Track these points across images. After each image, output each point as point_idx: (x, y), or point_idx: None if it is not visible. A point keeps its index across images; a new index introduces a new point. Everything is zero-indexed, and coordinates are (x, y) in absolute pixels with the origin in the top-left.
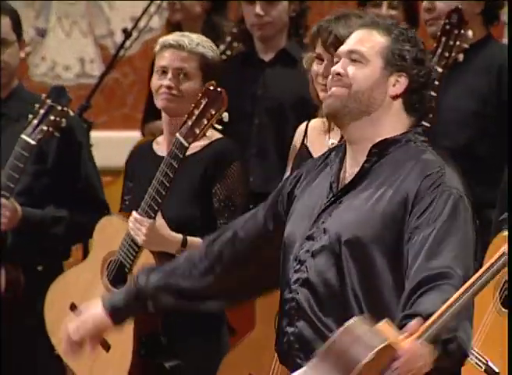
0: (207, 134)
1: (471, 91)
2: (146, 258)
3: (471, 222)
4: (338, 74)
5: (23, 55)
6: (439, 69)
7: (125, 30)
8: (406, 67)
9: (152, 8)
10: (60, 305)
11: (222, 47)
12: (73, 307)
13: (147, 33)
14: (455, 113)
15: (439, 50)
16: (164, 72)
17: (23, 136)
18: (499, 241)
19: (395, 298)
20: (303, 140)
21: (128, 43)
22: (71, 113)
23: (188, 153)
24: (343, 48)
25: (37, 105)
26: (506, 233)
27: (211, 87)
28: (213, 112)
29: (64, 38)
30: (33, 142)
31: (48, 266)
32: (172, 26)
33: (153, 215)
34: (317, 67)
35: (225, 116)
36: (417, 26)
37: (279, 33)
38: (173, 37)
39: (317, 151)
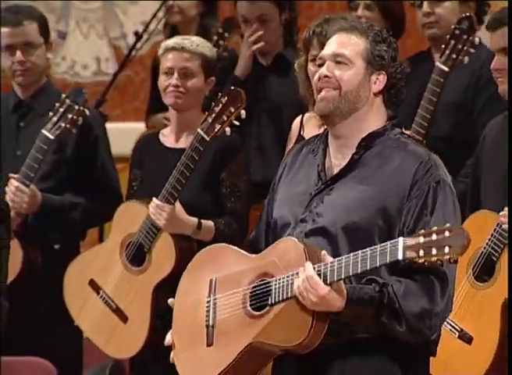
0: (226, 129)
1: (455, 85)
2: (164, 240)
3: (456, 202)
4: (326, 76)
5: (50, 55)
6: (446, 69)
7: (136, 33)
8: (384, 66)
9: (160, 14)
10: (79, 281)
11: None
12: (92, 283)
13: (155, 35)
14: (440, 104)
15: (447, 51)
16: (170, 72)
17: (44, 131)
18: (475, 217)
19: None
20: (299, 131)
21: (139, 44)
22: (87, 112)
23: (183, 146)
24: (326, 52)
25: (57, 104)
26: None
27: (232, 88)
28: (232, 110)
29: (82, 40)
30: (51, 137)
31: (65, 245)
32: (170, 28)
33: (173, 201)
34: (314, 68)
35: (243, 113)
36: (403, 28)
37: (275, 42)
38: (175, 41)
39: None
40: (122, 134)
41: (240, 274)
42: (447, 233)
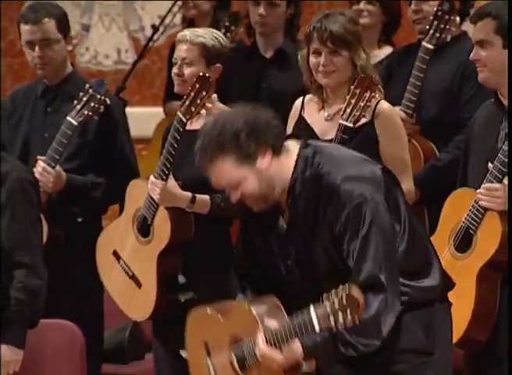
0: (201, 112)
1: (443, 73)
2: (162, 214)
3: (379, 216)
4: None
5: (70, 48)
6: (431, 46)
7: (153, 26)
8: None
9: (175, 8)
10: (106, 252)
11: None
12: (115, 253)
13: (171, 28)
14: (429, 90)
15: (431, 31)
16: (175, 62)
17: (68, 117)
18: (456, 194)
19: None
20: (300, 112)
21: (156, 36)
22: (108, 101)
23: (196, 127)
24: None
25: (81, 93)
26: (465, 189)
27: (201, 74)
28: (204, 94)
29: (104, 32)
30: (75, 123)
31: (87, 218)
32: (188, 22)
33: (165, 178)
34: (315, 59)
35: (214, 97)
36: (399, 22)
37: (276, 32)
38: (181, 33)
39: (314, 121)
40: (141, 118)
41: (220, 337)
42: (344, 298)
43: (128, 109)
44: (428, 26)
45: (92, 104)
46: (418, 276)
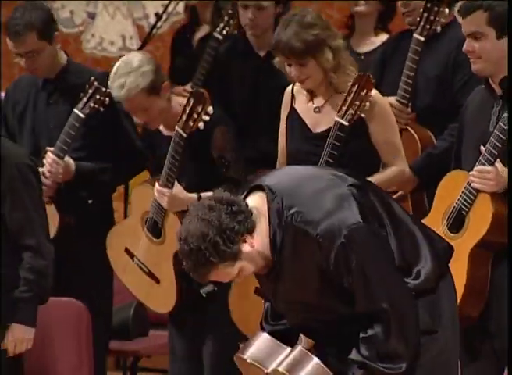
0: (199, 125)
1: (436, 61)
2: (172, 217)
3: (364, 245)
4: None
5: (59, 45)
6: (422, 38)
7: (157, 14)
8: None
9: None
10: (118, 249)
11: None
12: (127, 250)
13: (174, 16)
14: (423, 78)
15: (422, 23)
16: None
17: (75, 110)
18: (450, 175)
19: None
20: (291, 102)
21: (159, 23)
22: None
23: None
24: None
25: (86, 86)
26: (458, 171)
27: (195, 90)
28: (200, 109)
29: (109, 20)
30: (82, 115)
31: (97, 200)
32: (190, 9)
33: (171, 185)
34: (288, 68)
35: (210, 109)
36: (395, 10)
37: (267, 32)
38: (114, 93)
39: (304, 113)
40: None
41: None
42: None
43: None
44: (418, 18)
45: (98, 96)
46: (411, 267)
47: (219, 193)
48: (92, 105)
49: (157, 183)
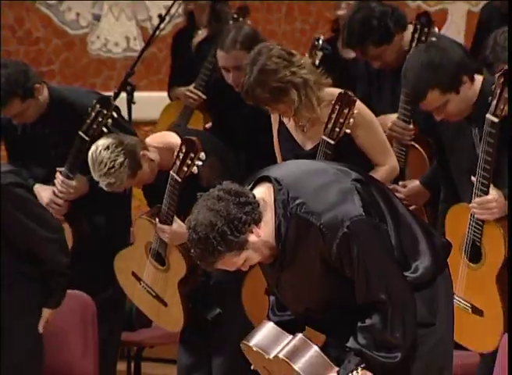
0: (192, 170)
1: None
2: (174, 249)
3: (365, 237)
4: None
5: (40, 96)
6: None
7: (160, 16)
8: None
9: None
10: (126, 272)
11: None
12: (134, 274)
13: (176, 18)
14: None
15: (413, 44)
16: None
17: (80, 132)
18: (453, 210)
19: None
20: (280, 116)
21: (162, 25)
22: (115, 115)
23: None
24: None
25: (89, 109)
26: (460, 205)
27: (187, 138)
28: (193, 156)
29: (114, 22)
30: (87, 138)
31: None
32: (188, 14)
33: (170, 222)
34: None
35: (202, 155)
36: None
37: None
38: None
39: (292, 129)
40: (148, 102)
41: (273, 368)
42: None
43: (136, 93)
44: (409, 40)
45: (100, 119)
46: (409, 261)
47: (228, 184)
48: (95, 126)
49: (157, 220)
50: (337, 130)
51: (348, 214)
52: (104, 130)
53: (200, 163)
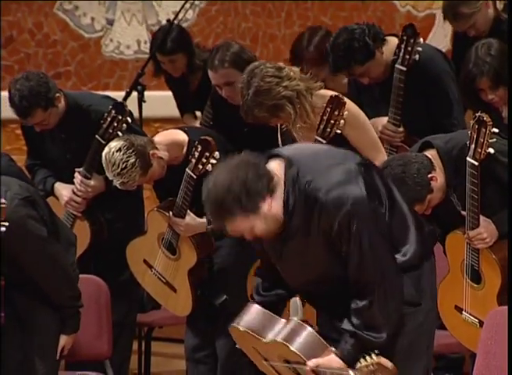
0: (207, 168)
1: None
2: (185, 239)
3: (365, 216)
4: None
5: (60, 104)
6: (404, 68)
7: (168, 20)
8: None
9: (187, 5)
10: (137, 259)
11: None
12: (145, 261)
13: (184, 22)
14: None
15: (401, 54)
16: None
17: (97, 136)
18: (451, 237)
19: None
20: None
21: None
22: (129, 120)
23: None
24: None
25: (105, 114)
26: (455, 234)
27: (203, 138)
28: (208, 154)
29: (126, 26)
30: (103, 142)
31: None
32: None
33: (183, 215)
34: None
35: (217, 154)
36: None
37: None
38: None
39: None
40: (158, 100)
41: (266, 351)
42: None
43: (146, 93)
44: (397, 50)
45: (115, 124)
46: (399, 245)
47: (246, 155)
48: (111, 131)
49: (171, 213)
50: (328, 130)
51: (352, 194)
52: (120, 134)
53: (214, 162)
